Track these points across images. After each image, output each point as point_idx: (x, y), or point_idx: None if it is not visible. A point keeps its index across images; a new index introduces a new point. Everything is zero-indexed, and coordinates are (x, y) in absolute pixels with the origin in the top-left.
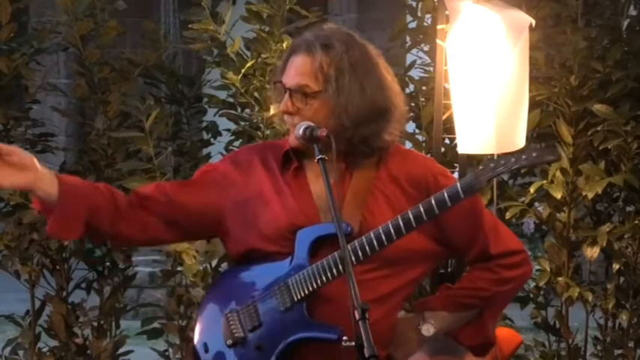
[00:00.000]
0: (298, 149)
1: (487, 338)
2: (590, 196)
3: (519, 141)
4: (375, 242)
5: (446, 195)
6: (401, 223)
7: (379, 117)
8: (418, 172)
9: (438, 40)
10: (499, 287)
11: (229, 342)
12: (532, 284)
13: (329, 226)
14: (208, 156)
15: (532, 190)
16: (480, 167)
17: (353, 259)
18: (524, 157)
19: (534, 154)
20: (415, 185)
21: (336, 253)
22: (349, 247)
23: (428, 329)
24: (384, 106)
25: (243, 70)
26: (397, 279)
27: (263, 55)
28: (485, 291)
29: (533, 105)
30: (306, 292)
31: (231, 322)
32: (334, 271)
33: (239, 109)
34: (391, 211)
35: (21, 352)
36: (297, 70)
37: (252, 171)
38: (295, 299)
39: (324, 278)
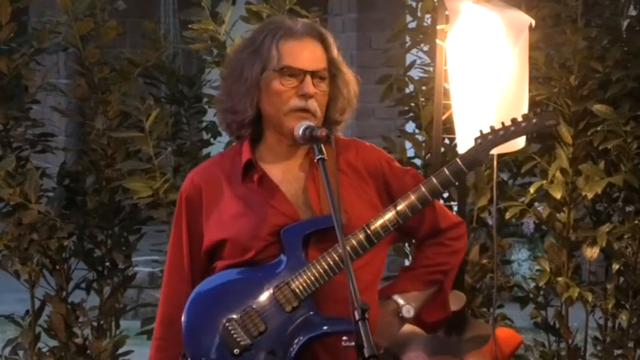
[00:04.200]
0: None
1: (447, 312)
2: (590, 196)
3: (519, 141)
4: (380, 231)
5: (448, 172)
6: (407, 209)
7: (355, 99)
8: (373, 160)
9: (437, 40)
10: (454, 259)
11: (236, 351)
12: (532, 284)
13: (314, 221)
14: (208, 156)
15: (532, 190)
16: (478, 141)
17: (361, 252)
18: (523, 124)
19: (534, 121)
20: (373, 173)
21: (337, 246)
22: (351, 243)
23: (408, 310)
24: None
25: None
26: (374, 266)
27: None
28: (445, 265)
29: (533, 105)
30: (313, 289)
31: (233, 331)
32: (338, 265)
33: None
34: (363, 201)
35: (21, 352)
36: (314, 55)
37: (218, 189)
38: (302, 298)
39: (330, 273)
